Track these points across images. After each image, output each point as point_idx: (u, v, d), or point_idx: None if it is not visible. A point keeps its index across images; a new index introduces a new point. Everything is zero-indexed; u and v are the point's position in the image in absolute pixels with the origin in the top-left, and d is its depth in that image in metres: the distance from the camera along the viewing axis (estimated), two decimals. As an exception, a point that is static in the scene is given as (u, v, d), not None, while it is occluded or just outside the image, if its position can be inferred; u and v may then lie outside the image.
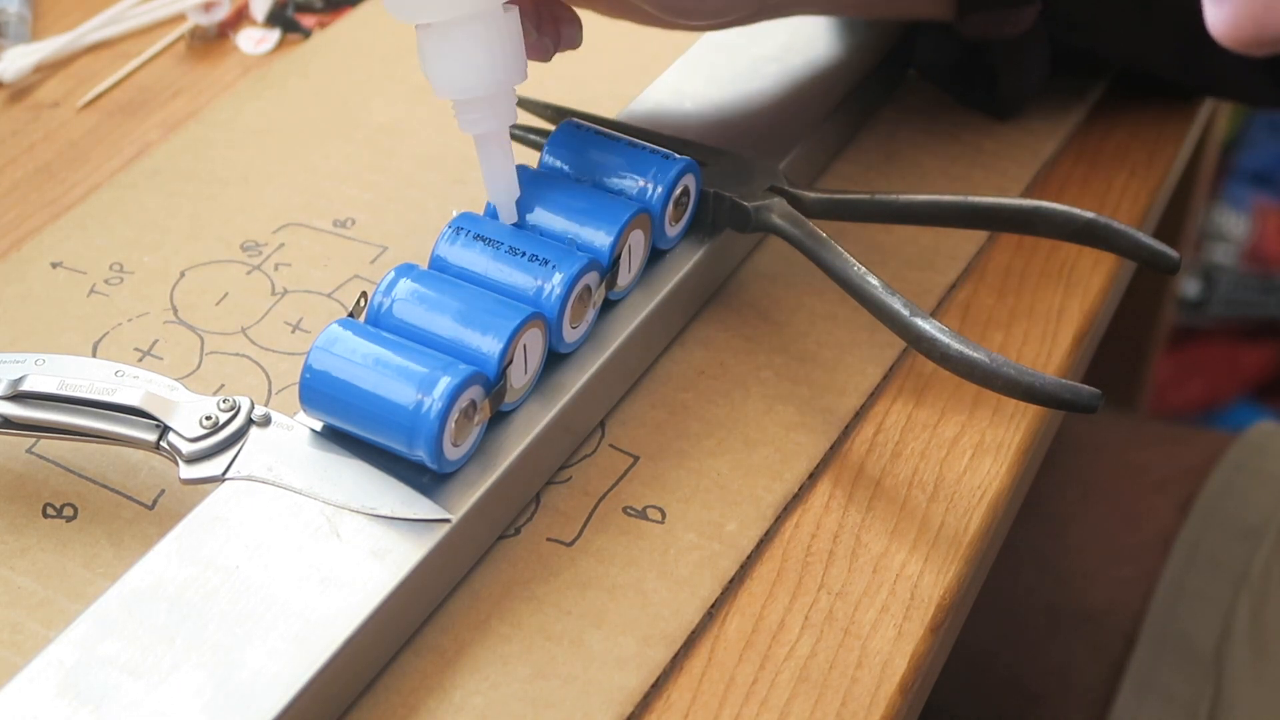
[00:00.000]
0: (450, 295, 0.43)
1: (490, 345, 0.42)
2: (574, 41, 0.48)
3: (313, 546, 0.40)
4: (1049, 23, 0.52)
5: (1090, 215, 0.48)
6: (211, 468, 0.41)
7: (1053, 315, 0.51)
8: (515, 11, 0.44)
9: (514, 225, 0.46)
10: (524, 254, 0.44)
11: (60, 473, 0.46)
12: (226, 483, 0.41)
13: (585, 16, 0.50)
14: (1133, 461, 0.76)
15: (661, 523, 0.44)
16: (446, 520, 0.40)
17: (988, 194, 0.49)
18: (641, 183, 0.47)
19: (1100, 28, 0.54)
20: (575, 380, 0.45)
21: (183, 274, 0.53)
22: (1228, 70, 0.55)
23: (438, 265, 0.45)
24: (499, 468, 0.42)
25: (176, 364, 0.50)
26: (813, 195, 0.49)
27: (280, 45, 0.66)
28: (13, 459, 0.46)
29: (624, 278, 0.47)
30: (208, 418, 0.42)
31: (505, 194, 0.45)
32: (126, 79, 0.64)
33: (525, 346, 0.43)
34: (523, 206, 0.47)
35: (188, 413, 0.42)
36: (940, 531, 0.44)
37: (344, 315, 0.43)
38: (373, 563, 0.39)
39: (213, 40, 0.67)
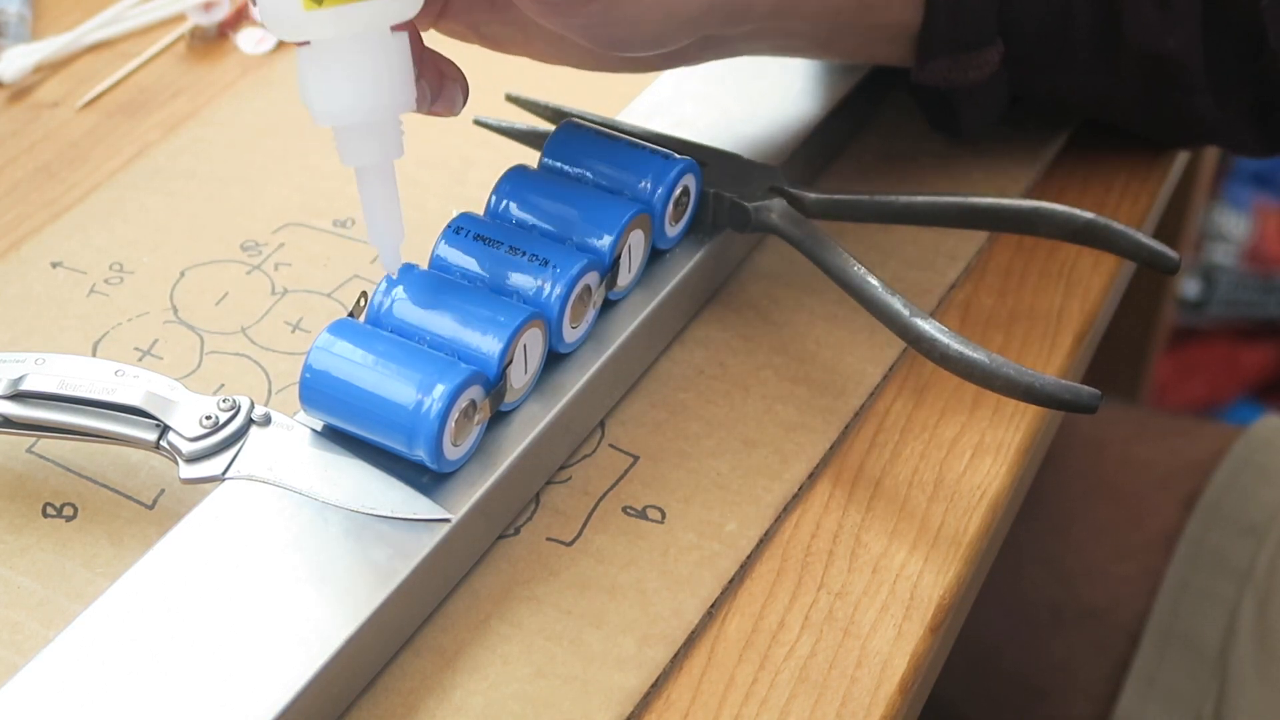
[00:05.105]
0: (450, 295, 0.43)
1: (490, 345, 0.42)
2: (453, 104, 0.43)
3: (313, 546, 0.40)
4: (1010, 68, 0.52)
5: (1090, 215, 0.48)
6: (211, 467, 0.41)
7: (1053, 315, 0.51)
8: (404, 37, 0.40)
9: (513, 226, 0.46)
10: (524, 254, 0.44)
11: (60, 472, 0.46)
12: (226, 482, 0.41)
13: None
14: (1136, 457, 0.76)
15: (661, 523, 0.44)
16: (446, 520, 0.40)
17: (988, 194, 0.49)
18: (641, 183, 0.47)
19: (1062, 72, 0.53)
20: (575, 380, 0.45)
21: (183, 274, 0.53)
22: (1205, 115, 0.53)
23: (438, 265, 0.45)
24: (499, 468, 0.42)
25: (176, 364, 0.50)
26: (813, 195, 0.49)
27: (280, 45, 0.66)
28: (13, 459, 0.46)
29: (624, 278, 0.47)
30: (208, 417, 0.42)
31: (388, 237, 0.41)
32: (126, 79, 0.64)
33: (525, 346, 0.43)
34: (524, 206, 0.47)
35: (188, 412, 0.42)
36: (940, 531, 0.44)
37: (344, 315, 0.43)
38: (373, 563, 0.39)
39: (213, 40, 0.67)
